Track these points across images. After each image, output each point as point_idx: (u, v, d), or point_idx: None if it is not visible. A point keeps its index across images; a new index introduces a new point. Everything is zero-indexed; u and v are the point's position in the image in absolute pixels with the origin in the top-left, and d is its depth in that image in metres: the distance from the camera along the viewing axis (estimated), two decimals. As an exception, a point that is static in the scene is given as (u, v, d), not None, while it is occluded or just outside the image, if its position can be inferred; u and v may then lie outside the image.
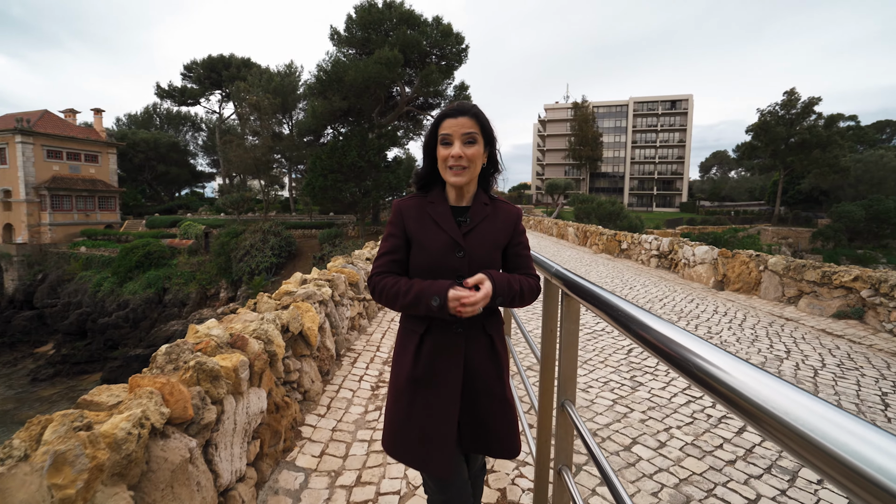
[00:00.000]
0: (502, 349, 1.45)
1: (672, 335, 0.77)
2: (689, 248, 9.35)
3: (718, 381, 0.61)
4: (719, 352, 0.66)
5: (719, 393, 0.61)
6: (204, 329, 2.44)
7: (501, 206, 1.47)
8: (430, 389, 1.35)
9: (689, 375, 0.69)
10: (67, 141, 35.27)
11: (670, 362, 0.74)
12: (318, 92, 25.65)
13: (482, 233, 1.38)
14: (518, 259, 1.47)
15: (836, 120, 39.38)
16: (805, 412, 0.49)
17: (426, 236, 1.37)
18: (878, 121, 59.63)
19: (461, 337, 1.36)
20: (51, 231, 33.65)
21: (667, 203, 68.02)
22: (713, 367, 0.64)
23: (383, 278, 1.39)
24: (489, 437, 1.40)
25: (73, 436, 1.32)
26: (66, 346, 24.16)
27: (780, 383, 0.54)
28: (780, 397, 0.52)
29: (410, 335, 1.40)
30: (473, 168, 1.35)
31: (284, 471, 2.46)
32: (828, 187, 41.36)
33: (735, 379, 0.58)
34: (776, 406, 0.51)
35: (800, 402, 0.50)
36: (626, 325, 0.93)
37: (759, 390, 0.54)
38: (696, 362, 0.67)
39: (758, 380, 0.56)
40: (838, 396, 3.44)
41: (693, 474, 2.38)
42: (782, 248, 31.40)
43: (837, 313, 5.94)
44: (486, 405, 1.39)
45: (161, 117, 55.28)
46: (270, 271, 25.54)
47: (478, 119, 1.35)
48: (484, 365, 1.39)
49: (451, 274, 1.33)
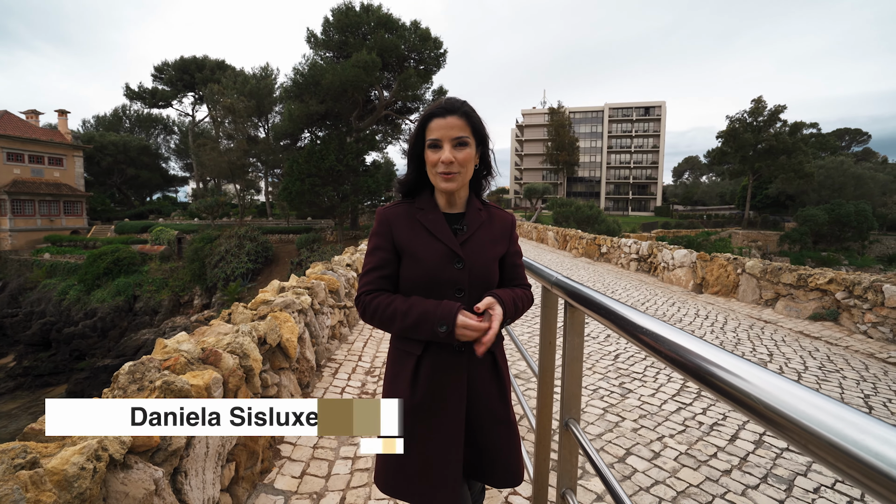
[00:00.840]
0: (504, 367, 1.34)
1: (695, 348, 0.71)
2: (669, 251, 9.48)
3: (748, 396, 0.57)
4: (747, 364, 0.61)
5: (750, 408, 0.57)
6: (173, 343, 2.26)
7: (496, 212, 1.36)
8: (431, 418, 1.22)
9: (717, 391, 0.64)
10: (29, 143, 33.74)
11: (696, 378, 0.68)
12: (295, 95, 25.26)
13: (480, 241, 1.27)
14: (514, 269, 1.37)
15: (800, 127, 41.00)
16: (835, 421, 0.46)
17: (419, 247, 1.23)
18: (838, 129, 62.57)
19: (463, 356, 1.23)
20: (11, 237, 32.05)
21: (642, 207, 69.55)
22: (740, 379, 0.60)
23: (374, 297, 1.24)
24: (492, 465, 1.28)
25: (12, 477, 1.15)
26: (28, 358, 22.95)
27: (812, 394, 0.51)
28: (812, 408, 0.49)
29: (405, 357, 1.26)
30: (466, 172, 1.23)
31: (262, 494, 2.29)
32: (793, 192, 42.92)
33: (773, 396, 0.54)
34: (811, 419, 0.48)
35: (830, 411, 0.47)
36: (641, 339, 0.85)
37: (796, 405, 0.51)
38: (723, 376, 0.62)
39: (793, 394, 0.52)
40: (824, 399, 3.45)
41: (690, 486, 2.32)
42: (752, 251, 32.40)
43: (813, 315, 6.06)
44: (489, 430, 1.27)
45: (131, 119, 53.50)
46: (246, 277, 24.89)
47: (469, 118, 1.22)
48: (487, 385, 1.28)
49: (450, 287, 1.21)
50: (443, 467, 1.20)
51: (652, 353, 0.80)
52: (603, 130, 71.54)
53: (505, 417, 1.29)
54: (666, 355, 0.75)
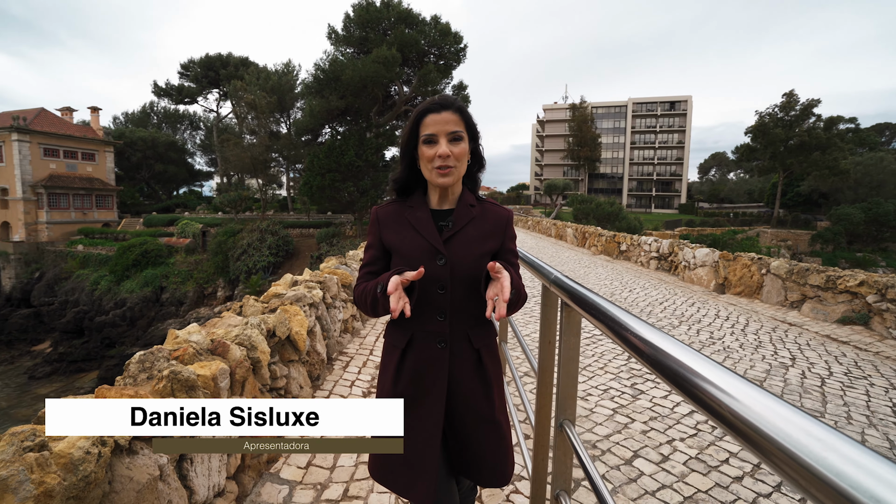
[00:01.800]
0: (492, 365, 1.33)
1: (691, 363, 0.65)
2: (690, 250, 9.24)
3: (732, 413, 0.51)
4: (735, 377, 0.56)
5: (734, 427, 0.51)
6: (184, 334, 2.32)
7: (490, 207, 1.34)
8: (413, 410, 1.24)
9: (697, 402, 0.59)
10: (64, 139, 35.08)
11: (686, 393, 0.62)
12: (316, 91, 25.51)
13: (467, 237, 1.26)
14: (508, 268, 1.36)
15: (836, 122, 39.32)
16: (838, 458, 0.40)
17: (404, 244, 1.26)
18: (878, 123, 59.51)
19: (444, 352, 1.25)
20: (48, 229, 33.46)
21: (665, 204, 67.99)
22: (723, 393, 0.55)
23: (358, 287, 1.31)
24: (476, 463, 1.28)
25: (18, 459, 1.20)
26: (63, 345, 24.01)
27: (817, 425, 0.45)
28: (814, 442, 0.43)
29: (392, 351, 1.31)
30: (461, 167, 1.25)
31: (268, 483, 2.33)
32: (827, 190, 41.25)
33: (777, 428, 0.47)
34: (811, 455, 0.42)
35: (834, 447, 0.42)
36: (632, 344, 0.81)
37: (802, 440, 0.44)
38: (706, 388, 0.57)
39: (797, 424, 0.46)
40: (847, 407, 3.32)
41: (698, 492, 2.26)
42: (781, 251, 31.31)
43: (842, 319, 5.83)
44: (473, 428, 1.27)
45: (158, 116, 55.10)
46: (268, 270, 25.39)
47: (462, 114, 1.25)
48: (470, 383, 1.27)
49: (432, 284, 1.22)
50: (421, 458, 1.22)
51: (649, 365, 0.74)
52: (626, 126, 70.10)
53: (490, 416, 1.28)
54: (667, 371, 0.68)
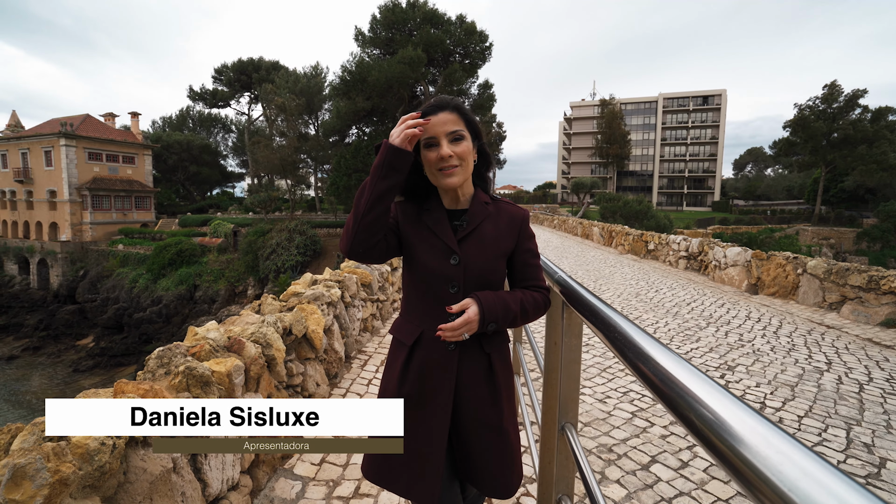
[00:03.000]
0: (502, 370, 1.28)
1: (681, 375, 0.58)
2: (720, 249, 8.91)
3: (736, 453, 0.43)
4: (739, 406, 0.48)
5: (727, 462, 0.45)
6: (202, 331, 2.39)
7: (505, 206, 1.32)
8: (417, 410, 1.22)
9: (688, 426, 0.52)
10: (107, 143, 36.88)
11: (670, 406, 0.58)
12: (343, 92, 25.92)
13: (482, 237, 1.23)
14: (526, 269, 1.31)
15: (885, 113, 37.06)
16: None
17: (418, 242, 1.24)
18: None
19: (454, 355, 1.22)
20: (91, 229, 35.25)
21: (698, 202, 65.78)
22: (714, 415, 0.48)
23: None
24: (480, 472, 1.24)
25: (37, 448, 1.26)
26: (104, 340, 25.28)
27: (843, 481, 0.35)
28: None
29: (399, 348, 1.28)
30: (466, 166, 1.22)
31: (282, 479, 2.38)
32: (874, 185, 39.04)
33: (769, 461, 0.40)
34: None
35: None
36: (623, 351, 0.78)
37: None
38: (700, 411, 0.50)
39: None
40: (888, 416, 3.12)
41: (718, 500, 2.17)
42: (823, 250, 29.80)
43: (886, 321, 5.49)
44: (478, 435, 1.23)
45: (193, 119, 57.18)
46: (296, 269, 25.97)
47: (460, 112, 1.22)
48: (478, 389, 1.24)
49: (445, 283, 1.21)
50: (424, 460, 1.20)
51: (636, 374, 0.70)
52: (657, 122, 68.17)
53: (496, 425, 1.24)
54: (652, 384, 0.63)
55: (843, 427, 2.96)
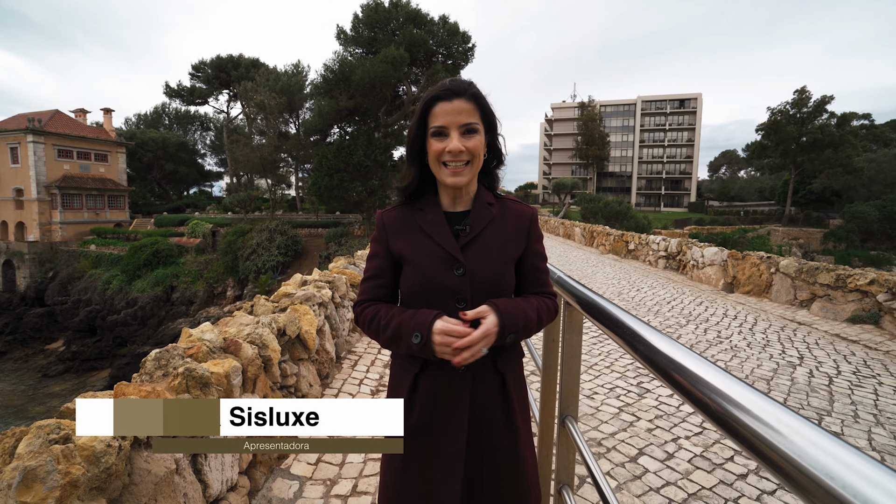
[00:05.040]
0: (516, 391, 1.14)
1: (684, 360, 0.69)
2: (698, 249, 9.19)
3: (743, 426, 0.52)
4: (746, 388, 0.57)
5: (711, 412, 0.53)
6: (197, 333, 2.38)
7: (511, 205, 1.16)
8: (430, 440, 1.08)
9: (685, 394, 0.63)
10: (78, 140, 35.66)
11: (675, 386, 0.66)
12: (325, 91, 25.67)
13: (488, 242, 1.10)
14: (534, 274, 1.16)
15: (850, 119, 38.70)
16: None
17: (416, 253, 1.10)
18: (893, 119, 58.46)
19: (466, 378, 1.07)
20: (61, 229, 34.05)
21: (675, 203, 67.40)
22: (706, 384, 0.59)
23: (364, 308, 1.15)
24: (494, 500, 1.11)
25: (46, 450, 1.26)
26: (75, 343, 24.42)
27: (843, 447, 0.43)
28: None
29: (403, 375, 1.13)
30: (476, 163, 1.08)
31: (279, 479, 2.39)
32: (840, 187, 40.65)
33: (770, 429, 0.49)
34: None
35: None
36: (636, 347, 0.84)
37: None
38: (691, 381, 0.63)
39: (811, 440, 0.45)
40: (855, 406, 3.31)
41: (702, 489, 2.28)
42: (793, 249, 30.91)
43: (852, 318, 5.78)
44: (492, 462, 1.10)
45: (170, 117, 55.77)
46: (277, 270, 25.61)
47: (477, 101, 1.07)
48: (492, 411, 1.10)
49: (450, 297, 1.06)
50: (439, 493, 1.06)
51: (652, 368, 0.77)
52: (635, 124, 69.58)
53: (512, 448, 1.11)
54: (668, 375, 0.71)
55: (816, 418, 3.13)
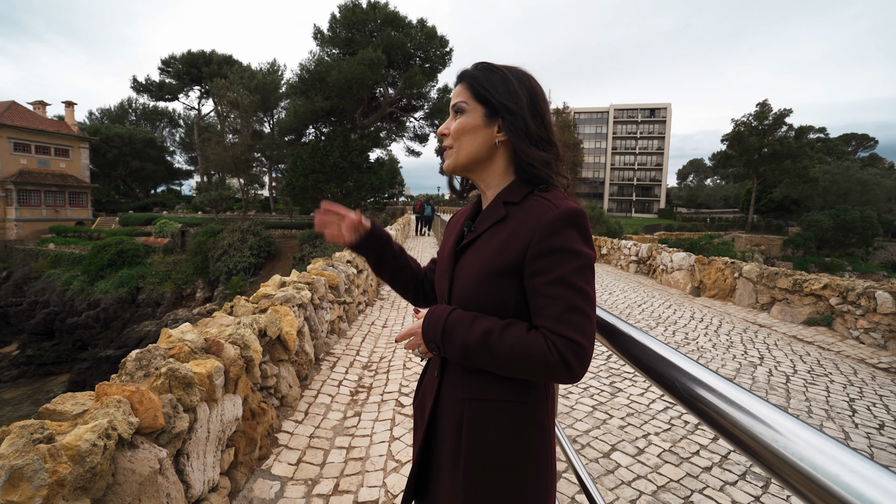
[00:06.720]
0: (478, 447, 0.89)
1: (660, 350, 0.78)
2: (668, 254, 9.54)
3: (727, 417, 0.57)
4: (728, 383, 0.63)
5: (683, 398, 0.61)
6: (177, 334, 2.36)
7: (535, 205, 0.88)
8: (414, 423, 1.16)
9: (653, 378, 0.72)
10: (36, 134, 33.94)
11: (650, 375, 0.74)
12: (301, 91, 25.33)
13: (479, 249, 0.92)
14: (536, 299, 0.83)
15: (806, 132, 40.84)
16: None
17: (440, 250, 1.10)
18: (845, 134, 62.22)
19: (435, 381, 1.01)
20: (17, 227, 32.31)
21: (645, 209, 69.46)
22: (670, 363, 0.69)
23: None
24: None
25: (31, 449, 1.25)
26: (31, 347, 23.17)
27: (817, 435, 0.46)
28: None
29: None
30: (460, 146, 0.96)
31: (259, 479, 2.39)
32: (798, 197, 42.79)
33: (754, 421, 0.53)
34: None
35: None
36: (624, 347, 0.91)
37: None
38: (693, 388, 0.66)
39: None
40: (809, 403, 3.54)
41: (671, 481, 2.41)
42: (755, 255, 32.32)
43: (808, 320, 6.13)
44: (439, 471, 0.97)
45: (136, 112, 53.78)
46: (249, 271, 25.04)
47: (471, 81, 0.97)
48: (448, 442, 0.94)
49: (442, 300, 1.04)
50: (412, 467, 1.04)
51: (634, 363, 0.83)
52: (608, 131, 71.42)
53: (453, 490, 0.92)
54: (646, 367, 0.77)
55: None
